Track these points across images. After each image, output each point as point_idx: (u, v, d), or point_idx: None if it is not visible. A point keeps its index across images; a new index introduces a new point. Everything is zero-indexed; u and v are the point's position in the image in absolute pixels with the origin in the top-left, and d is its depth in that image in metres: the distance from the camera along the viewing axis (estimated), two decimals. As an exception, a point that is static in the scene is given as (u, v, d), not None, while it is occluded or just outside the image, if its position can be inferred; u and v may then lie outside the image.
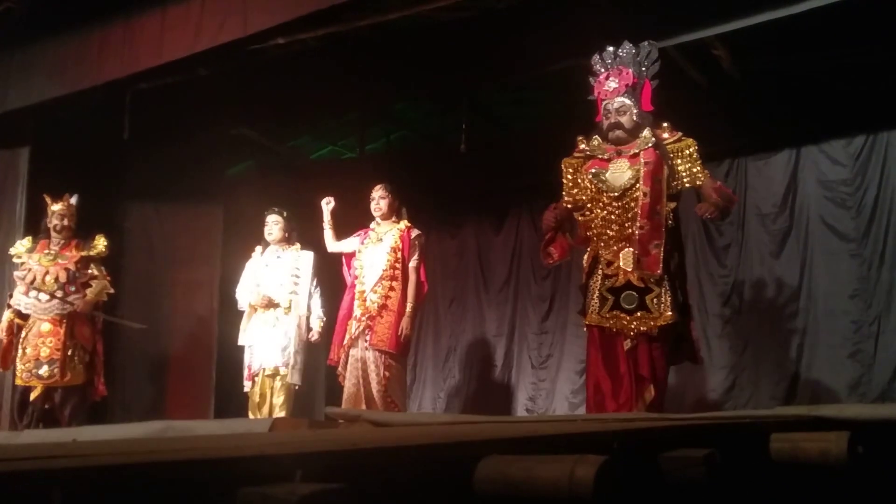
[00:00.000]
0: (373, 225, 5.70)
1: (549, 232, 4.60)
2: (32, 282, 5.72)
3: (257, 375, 5.74)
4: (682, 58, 5.79)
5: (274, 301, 5.79)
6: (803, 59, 5.83)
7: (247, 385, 5.81)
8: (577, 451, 1.50)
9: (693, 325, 4.52)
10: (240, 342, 5.86)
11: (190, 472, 1.17)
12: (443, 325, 7.60)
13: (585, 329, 4.53)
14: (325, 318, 5.88)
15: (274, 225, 5.97)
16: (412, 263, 5.54)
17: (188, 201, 7.11)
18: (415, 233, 5.62)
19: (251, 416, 5.71)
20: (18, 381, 5.66)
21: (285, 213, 6.00)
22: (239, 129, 7.34)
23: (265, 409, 5.69)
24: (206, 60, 5.91)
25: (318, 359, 7.17)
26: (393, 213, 5.67)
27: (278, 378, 5.72)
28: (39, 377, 5.57)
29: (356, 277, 5.62)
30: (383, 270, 5.47)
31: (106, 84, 6.03)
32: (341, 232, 5.84)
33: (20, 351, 5.65)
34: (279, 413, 5.60)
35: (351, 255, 5.74)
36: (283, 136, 7.95)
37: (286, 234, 5.98)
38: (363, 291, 5.50)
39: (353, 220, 5.94)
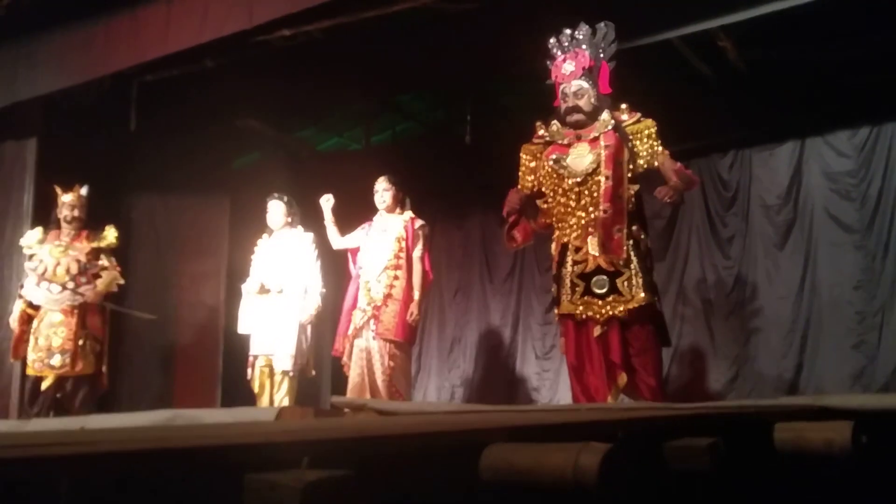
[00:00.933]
0: (377, 216, 5.71)
1: (511, 215, 4.53)
2: (44, 273, 5.75)
3: (255, 363, 5.73)
4: (687, 49, 5.78)
5: (266, 286, 5.77)
6: (808, 50, 5.81)
7: (248, 372, 5.81)
8: (581, 440, 1.51)
9: (659, 304, 4.43)
10: (240, 330, 5.87)
11: (197, 458, 1.18)
12: (448, 316, 7.61)
13: (558, 320, 4.49)
14: (321, 304, 5.80)
15: (276, 210, 5.97)
16: (416, 253, 5.55)
17: (195, 192, 7.12)
18: (419, 223, 5.63)
19: (257, 404, 5.73)
20: (30, 371, 5.70)
21: (286, 198, 5.99)
22: (245, 121, 7.35)
23: (265, 399, 5.68)
24: (212, 52, 5.92)
25: (322, 348, 7.19)
26: (397, 204, 5.69)
27: (278, 373, 5.67)
28: (51, 367, 5.61)
29: (360, 268, 5.64)
30: (388, 261, 5.49)
31: (112, 75, 6.05)
32: (348, 224, 5.85)
33: (32, 341, 5.69)
34: (283, 404, 5.58)
35: (356, 250, 5.74)
36: (289, 127, 7.95)
37: (288, 219, 5.98)
38: (367, 282, 5.52)
39: (359, 211, 5.95)
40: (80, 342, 5.67)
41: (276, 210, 5.97)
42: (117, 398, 6.36)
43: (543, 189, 4.46)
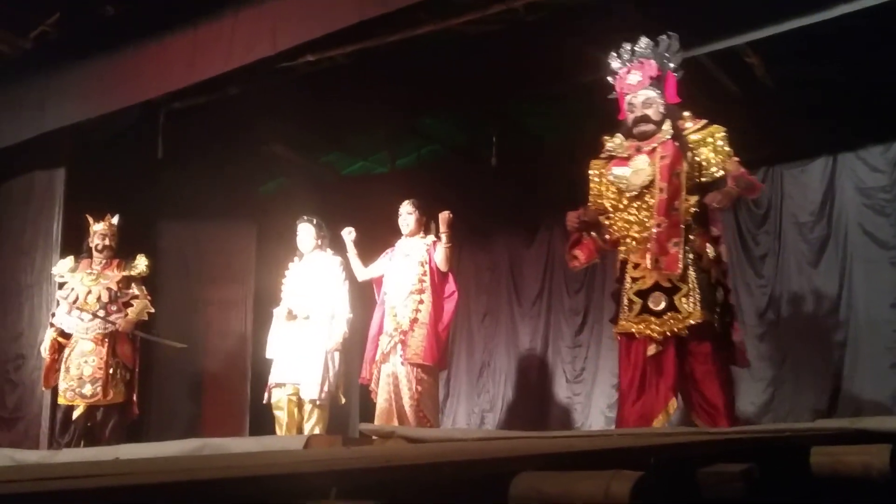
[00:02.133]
0: (400, 241, 5.71)
1: (573, 234, 4.46)
2: (75, 301, 5.81)
3: (275, 388, 5.68)
4: (714, 66, 5.75)
5: (294, 313, 5.73)
6: (837, 65, 5.76)
7: (265, 396, 5.75)
8: (612, 467, 1.48)
9: (736, 325, 4.28)
10: (267, 355, 5.84)
11: (225, 490, 1.17)
12: (476, 340, 7.58)
13: (617, 339, 4.37)
14: (347, 330, 5.72)
15: (305, 234, 5.94)
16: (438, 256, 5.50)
17: (222, 219, 7.18)
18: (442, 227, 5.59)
19: (277, 432, 5.68)
20: (61, 400, 5.74)
21: (315, 221, 5.97)
22: (271, 147, 7.41)
23: (293, 430, 5.59)
24: (238, 78, 5.99)
25: (350, 375, 7.17)
26: (420, 228, 5.68)
27: (307, 402, 5.60)
28: (83, 396, 5.65)
29: (385, 293, 5.63)
30: (412, 285, 5.48)
31: (140, 104, 6.13)
32: (374, 247, 5.85)
33: (63, 370, 5.72)
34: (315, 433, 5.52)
35: (381, 278, 5.72)
36: (314, 152, 8.00)
37: (318, 242, 5.95)
38: (394, 307, 5.51)
39: (386, 234, 5.95)
40: (111, 371, 5.71)
41: (306, 233, 5.95)
42: (146, 426, 6.40)
43: (606, 204, 4.35)
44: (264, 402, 5.79)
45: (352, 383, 6.88)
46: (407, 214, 5.66)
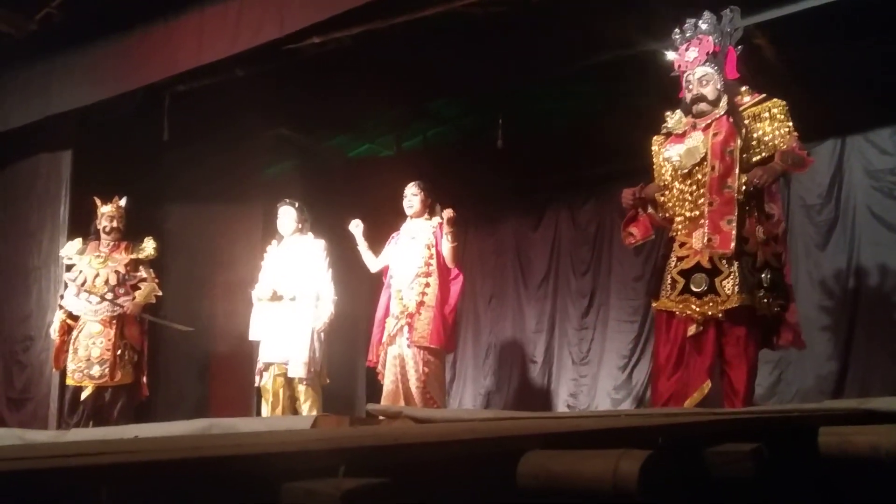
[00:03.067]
0: (405, 224, 5.70)
1: (628, 211, 4.41)
2: (83, 283, 5.82)
3: (265, 370, 5.69)
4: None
5: (278, 293, 5.71)
6: (846, 46, 5.72)
7: (256, 379, 5.77)
8: (620, 446, 1.48)
9: (793, 306, 4.18)
10: (250, 337, 5.83)
11: (234, 467, 1.17)
12: (482, 323, 7.59)
13: (655, 314, 4.33)
14: (333, 311, 5.72)
15: (286, 217, 5.92)
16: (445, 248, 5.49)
17: (227, 202, 7.18)
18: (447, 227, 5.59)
19: (265, 412, 5.68)
20: (70, 381, 5.78)
21: (297, 204, 5.95)
22: (276, 130, 7.40)
23: (279, 408, 5.62)
24: (243, 61, 5.97)
25: (354, 356, 7.18)
26: (425, 210, 5.67)
27: (297, 380, 5.61)
28: (91, 377, 5.68)
29: (391, 276, 5.63)
30: (418, 268, 5.48)
31: (145, 87, 6.12)
32: (380, 231, 5.84)
33: (71, 351, 5.76)
34: (305, 413, 5.51)
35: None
36: (320, 135, 7.98)
37: (299, 226, 5.92)
38: (399, 290, 5.51)
39: (391, 217, 5.95)
40: (119, 352, 5.73)
41: (287, 216, 5.93)
42: (154, 408, 6.43)
43: (661, 182, 4.31)
44: (256, 384, 5.79)
45: (358, 366, 6.90)
46: (412, 196, 5.65)
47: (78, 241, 6.04)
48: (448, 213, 5.41)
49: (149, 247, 6.02)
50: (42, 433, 4.12)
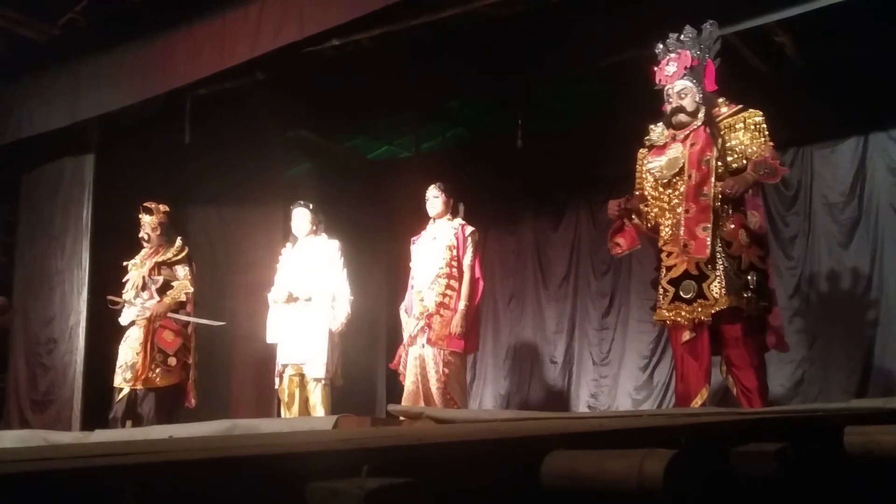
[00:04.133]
0: (428, 225, 5.70)
1: (614, 221, 4.53)
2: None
3: (283, 372, 5.70)
4: (743, 46, 5.68)
5: (293, 295, 5.71)
6: (868, 43, 5.66)
7: (276, 381, 5.77)
8: (644, 446, 1.47)
9: (776, 310, 4.32)
10: (268, 339, 5.83)
11: (259, 467, 1.18)
12: (502, 323, 7.58)
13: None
14: (350, 312, 5.70)
15: (301, 218, 5.91)
16: (466, 261, 5.51)
17: (248, 204, 7.21)
18: (469, 229, 5.59)
19: (283, 414, 5.68)
20: (116, 385, 5.85)
21: (311, 206, 5.94)
22: (296, 132, 7.43)
23: (294, 409, 5.63)
24: (264, 64, 6.00)
25: (373, 356, 7.17)
26: (447, 211, 5.66)
27: (311, 380, 5.61)
28: (126, 380, 5.77)
29: (413, 277, 5.63)
30: (440, 269, 5.47)
31: (167, 91, 6.16)
32: (400, 232, 5.85)
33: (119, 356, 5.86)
34: (318, 413, 5.52)
35: None
36: (339, 137, 8.01)
37: (314, 227, 5.91)
38: (420, 291, 5.51)
39: (410, 218, 5.95)
40: (148, 356, 5.77)
41: (301, 217, 5.91)
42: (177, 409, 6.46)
43: (644, 192, 4.45)
44: (275, 387, 5.80)
45: (378, 366, 6.90)
46: (433, 198, 5.64)
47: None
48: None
49: (174, 248, 6.07)
50: (66, 434, 4.16)
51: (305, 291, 5.72)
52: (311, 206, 5.95)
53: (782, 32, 5.56)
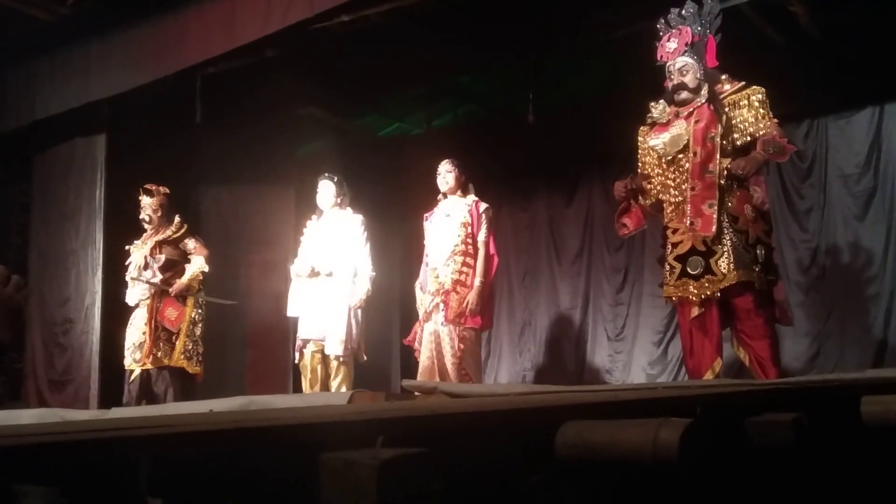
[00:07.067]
0: (440, 202, 5.68)
1: (621, 203, 4.55)
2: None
3: (304, 347, 5.67)
4: (757, 16, 5.61)
5: (316, 269, 5.67)
6: (883, 12, 5.58)
7: (295, 356, 5.76)
8: (659, 416, 1.46)
9: (780, 284, 4.34)
10: (289, 313, 5.82)
11: (273, 438, 1.18)
12: (517, 300, 7.57)
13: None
14: (370, 288, 5.66)
15: (325, 191, 5.86)
16: (481, 237, 5.49)
17: (260, 182, 7.22)
18: (483, 206, 5.57)
19: (304, 388, 5.70)
20: (127, 367, 5.90)
21: (336, 178, 5.89)
22: (307, 109, 7.41)
23: (316, 386, 5.61)
24: (273, 42, 5.97)
25: (389, 332, 7.17)
26: (459, 187, 5.63)
27: (332, 359, 5.58)
28: (135, 360, 5.81)
29: (427, 254, 5.63)
30: (455, 246, 5.45)
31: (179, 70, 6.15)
32: (411, 209, 5.83)
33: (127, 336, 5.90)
34: (339, 389, 5.50)
35: None
36: (350, 114, 7.99)
37: (338, 200, 5.86)
38: (435, 268, 5.50)
39: (421, 195, 5.93)
40: (153, 335, 5.80)
41: (326, 190, 5.87)
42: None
43: (648, 171, 4.45)
44: (295, 361, 5.80)
45: (393, 342, 6.90)
46: (446, 173, 5.61)
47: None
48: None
49: (172, 226, 6.07)
50: (83, 412, 4.19)
51: (327, 266, 5.69)
52: (335, 179, 5.89)
53: (796, 2, 5.50)
